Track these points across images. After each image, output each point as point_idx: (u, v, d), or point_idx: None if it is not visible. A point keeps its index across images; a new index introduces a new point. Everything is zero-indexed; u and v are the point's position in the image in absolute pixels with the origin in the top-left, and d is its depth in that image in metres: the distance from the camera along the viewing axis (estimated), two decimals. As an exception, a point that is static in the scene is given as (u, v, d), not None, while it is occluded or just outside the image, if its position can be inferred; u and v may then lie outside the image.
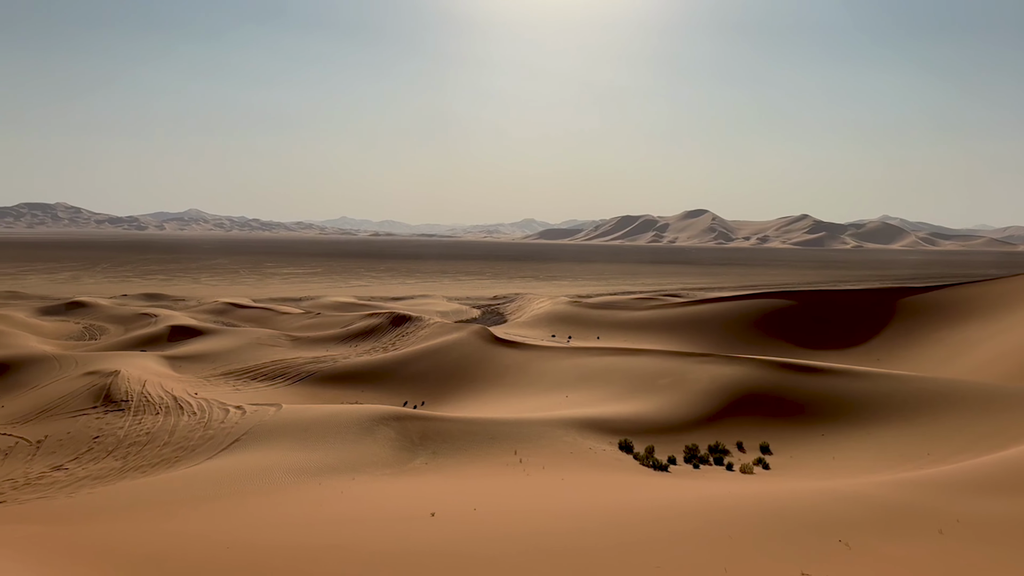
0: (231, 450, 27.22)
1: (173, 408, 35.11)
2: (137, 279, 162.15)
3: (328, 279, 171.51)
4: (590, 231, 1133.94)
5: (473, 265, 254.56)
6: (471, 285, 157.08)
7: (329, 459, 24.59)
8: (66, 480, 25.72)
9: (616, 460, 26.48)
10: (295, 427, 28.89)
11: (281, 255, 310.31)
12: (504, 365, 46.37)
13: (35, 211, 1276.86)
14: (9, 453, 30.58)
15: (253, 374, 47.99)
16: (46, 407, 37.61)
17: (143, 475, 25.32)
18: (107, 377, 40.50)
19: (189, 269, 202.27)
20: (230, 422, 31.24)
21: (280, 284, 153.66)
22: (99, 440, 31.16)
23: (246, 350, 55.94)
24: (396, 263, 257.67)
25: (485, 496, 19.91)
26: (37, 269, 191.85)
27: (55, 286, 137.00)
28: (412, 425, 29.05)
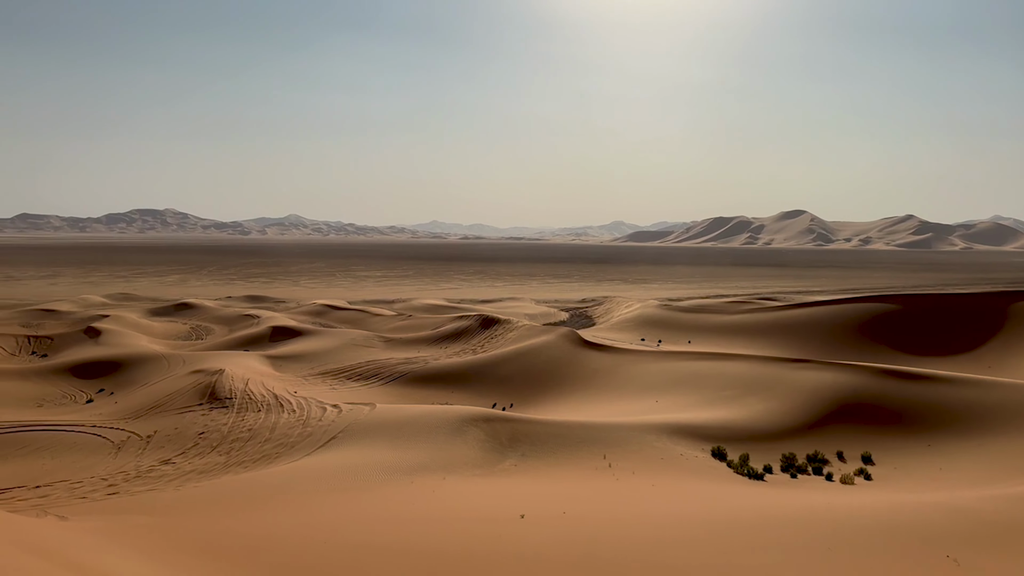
0: (328, 447, 28.05)
1: (274, 406, 36.45)
2: (241, 282, 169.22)
3: (419, 282, 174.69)
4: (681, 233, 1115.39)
5: (561, 268, 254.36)
6: (559, 288, 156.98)
7: (421, 458, 25.00)
8: (173, 473, 27.03)
9: (709, 467, 25.90)
10: (388, 426, 29.52)
11: (375, 258, 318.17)
12: (592, 368, 46.09)
13: (146, 217, 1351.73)
14: (122, 447, 32.39)
15: (348, 374, 49.31)
16: (156, 403, 39.66)
17: (245, 470, 26.38)
18: (212, 375, 42.37)
19: (289, 272, 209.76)
20: (327, 420, 32.19)
21: (374, 287, 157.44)
22: (204, 436, 32.64)
23: (342, 350, 57.53)
24: (485, 266, 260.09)
25: (574, 500, 19.82)
26: (148, 272, 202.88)
27: (164, 288, 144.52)
28: (501, 427, 29.21)
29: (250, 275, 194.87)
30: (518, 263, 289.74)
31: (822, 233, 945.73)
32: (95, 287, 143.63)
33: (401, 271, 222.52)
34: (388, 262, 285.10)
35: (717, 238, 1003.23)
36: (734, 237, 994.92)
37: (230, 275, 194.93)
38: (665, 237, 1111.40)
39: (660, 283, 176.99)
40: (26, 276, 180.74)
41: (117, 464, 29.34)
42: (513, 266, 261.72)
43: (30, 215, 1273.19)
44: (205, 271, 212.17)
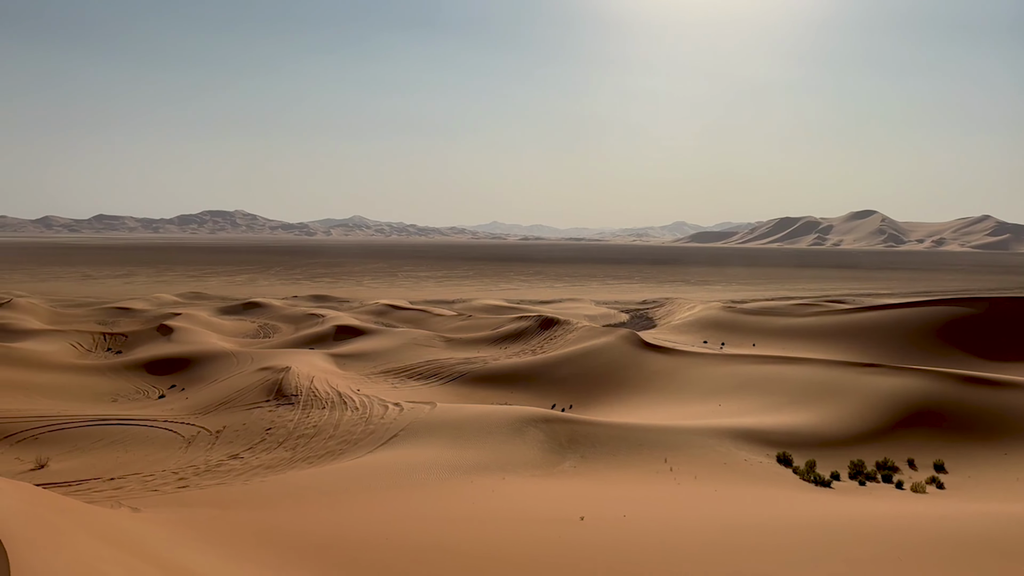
0: (390, 445, 28.44)
1: (338, 403, 37.13)
2: (306, 281, 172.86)
3: (479, 282, 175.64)
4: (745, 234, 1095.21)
5: (621, 269, 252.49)
6: (619, 289, 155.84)
7: (480, 458, 25.12)
8: (241, 468, 27.76)
9: (774, 473, 25.35)
10: (449, 425, 29.76)
11: (436, 259, 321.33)
12: (653, 371, 45.60)
13: (216, 218, 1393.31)
14: (192, 441, 33.42)
15: (409, 373, 49.89)
16: (224, 399, 40.79)
17: (310, 466, 26.94)
18: (279, 373, 43.38)
19: (352, 272, 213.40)
20: (389, 418, 32.64)
21: (434, 287, 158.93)
22: (271, 431, 33.44)
23: (403, 350, 58.23)
24: (545, 267, 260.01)
25: (635, 503, 19.64)
26: (218, 272, 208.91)
27: (234, 288, 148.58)
28: (561, 428, 29.14)
29: (315, 275, 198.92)
30: (578, 264, 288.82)
31: (893, 234, 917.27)
32: (168, 286, 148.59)
33: (461, 272, 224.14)
34: (449, 263, 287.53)
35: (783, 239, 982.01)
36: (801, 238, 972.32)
37: (296, 275, 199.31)
38: (729, 238, 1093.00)
39: (723, 284, 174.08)
40: (103, 275, 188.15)
41: (187, 458, 30.28)
42: (573, 267, 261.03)
43: (106, 216, 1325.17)
44: (272, 271, 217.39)
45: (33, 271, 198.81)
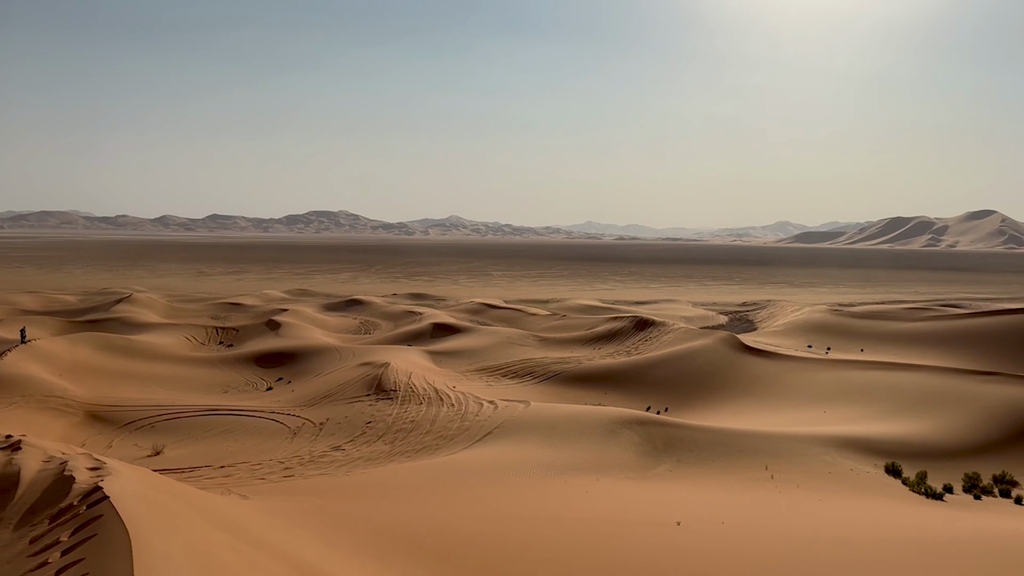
0: (484, 442, 28.74)
1: (434, 399, 37.82)
2: (405, 280, 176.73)
3: (574, 282, 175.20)
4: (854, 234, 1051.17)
5: (721, 269, 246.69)
6: (718, 290, 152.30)
7: (574, 458, 25.07)
8: (343, 460, 28.64)
9: (882, 484, 24.23)
10: (543, 424, 29.82)
11: (530, 258, 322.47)
12: (754, 375, 44.36)
13: (321, 218, 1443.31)
14: (298, 432, 34.71)
15: (504, 371, 50.27)
16: (328, 393, 42.17)
17: (408, 459, 27.54)
18: (379, 368, 44.52)
19: (449, 271, 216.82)
20: (484, 415, 33.00)
21: (529, 286, 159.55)
22: (371, 425, 34.37)
23: (498, 348, 58.71)
24: (640, 267, 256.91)
25: (733, 509, 19.15)
26: (322, 270, 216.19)
27: (337, 285, 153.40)
28: (656, 431, 28.75)
29: (414, 273, 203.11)
30: (675, 264, 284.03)
31: (1014, 235, 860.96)
32: (276, 283, 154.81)
33: (556, 271, 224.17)
34: (543, 262, 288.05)
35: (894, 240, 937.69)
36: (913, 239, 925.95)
37: (395, 273, 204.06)
38: (836, 238, 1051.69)
39: (830, 287, 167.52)
40: (215, 272, 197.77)
41: (293, 448, 31.47)
42: (669, 267, 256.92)
43: (219, 216, 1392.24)
44: (373, 269, 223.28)
45: (152, 268, 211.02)
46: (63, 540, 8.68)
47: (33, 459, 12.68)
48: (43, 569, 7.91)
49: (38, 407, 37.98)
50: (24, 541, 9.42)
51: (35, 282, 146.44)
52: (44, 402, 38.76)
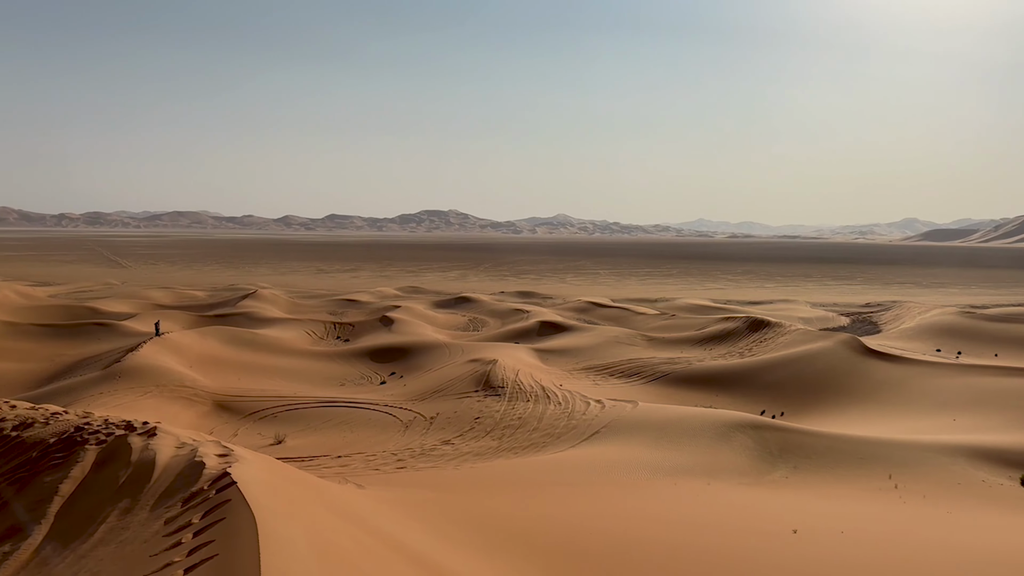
0: (591, 441, 28.62)
1: (541, 397, 37.96)
2: (513, 278, 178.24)
3: (683, 281, 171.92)
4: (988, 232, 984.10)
5: (842, 269, 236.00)
6: (839, 290, 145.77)
7: (684, 460, 24.59)
8: (452, 454, 29.18)
9: (1018, 497, 22.56)
10: (651, 425, 29.40)
11: (639, 257, 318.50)
12: (877, 380, 42.23)
13: (432, 217, 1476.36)
14: (409, 425, 35.61)
15: (611, 370, 49.89)
16: (438, 388, 43.06)
17: (516, 456, 27.76)
18: (487, 365, 45.08)
19: (556, 270, 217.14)
20: (590, 414, 32.86)
21: (637, 285, 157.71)
22: (479, 420, 34.85)
23: (605, 347, 58.32)
24: (754, 265, 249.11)
25: (854, 519, 18.30)
26: (433, 267, 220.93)
27: (447, 282, 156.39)
28: (771, 435, 27.82)
29: (521, 272, 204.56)
30: (792, 263, 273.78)
31: None
32: (389, 280, 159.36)
33: (665, 270, 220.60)
34: (652, 260, 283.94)
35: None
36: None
37: (503, 271, 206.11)
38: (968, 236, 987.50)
39: (960, 287, 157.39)
40: (333, 269, 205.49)
41: (404, 441, 32.31)
42: (786, 266, 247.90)
43: (337, 216, 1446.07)
44: (482, 267, 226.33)
45: (275, 265, 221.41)
46: (194, 522, 9.23)
47: (167, 445, 13.52)
48: (177, 548, 8.43)
49: (170, 396, 40.55)
50: (160, 521, 10.06)
51: (168, 278, 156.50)
52: (176, 392, 41.35)
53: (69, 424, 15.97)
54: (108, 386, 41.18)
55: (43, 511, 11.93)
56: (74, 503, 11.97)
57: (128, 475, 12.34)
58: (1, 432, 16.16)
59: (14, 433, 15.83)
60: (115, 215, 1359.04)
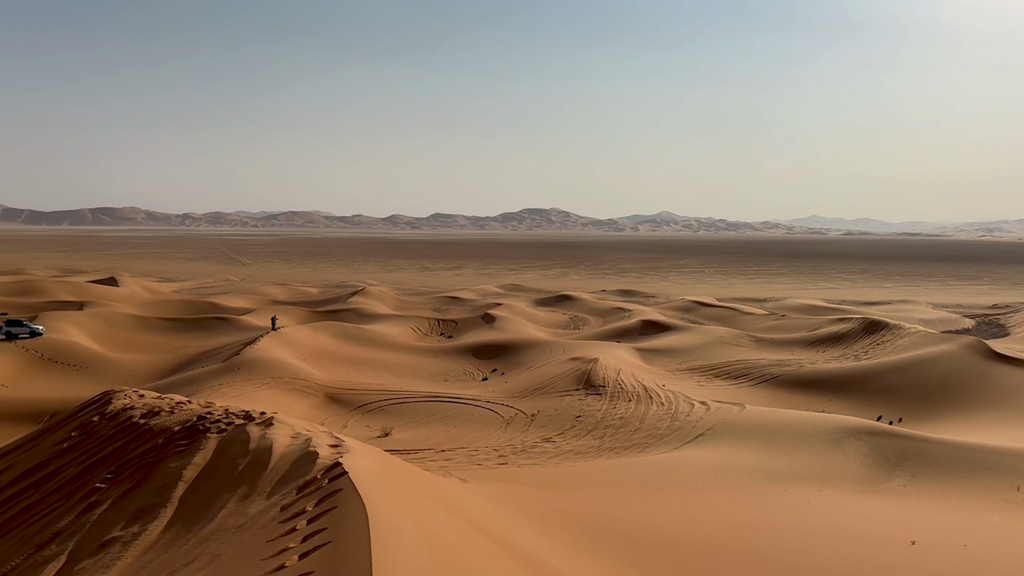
0: (696, 443, 28.05)
1: (643, 397, 37.50)
2: (614, 276, 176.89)
3: (794, 280, 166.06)
4: None
5: (966, 268, 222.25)
6: (963, 291, 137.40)
7: (794, 466, 23.76)
8: (553, 451, 29.22)
9: None
10: (759, 429, 28.55)
11: (746, 255, 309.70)
12: (1005, 386, 39.57)
13: (534, 216, 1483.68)
14: (511, 422, 35.89)
15: (716, 372, 48.76)
16: (539, 385, 43.21)
17: (617, 456, 27.54)
18: (588, 363, 44.91)
19: (659, 268, 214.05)
20: (695, 416, 32.21)
21: (744, 284, 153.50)
22: (580, 419, 34.76)
23: (710, 348, 57.08)
24: (871, 264, 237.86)
25: (977, 532, 17.23)
26: (534, 265, 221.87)
27: (548, 281, 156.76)
28: (888, 442, 26.51)
29: (622, 270, 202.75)
30: (911, 261, 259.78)
31: None
32: (491, 278, 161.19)
33: (774, 268, 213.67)
34: (760, 258, 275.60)
35: None
36: None
37: (604, 270, 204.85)
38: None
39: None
40: (437, 267, 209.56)
41: (506, 437, 32.60)
42: (905, 265, 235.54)
43: (441, 214, 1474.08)
44: (583, 265, 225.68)
45: (382, 263, 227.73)
46: (308, 510, 9.61)
47: (283, 434, 14.13)
48: (292, 535, 8.80)
49: (285, 388, 42.35)
50: (275, 508, 10.52)
51: (283, 275, 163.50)
52: (290, 384, 43.15)
53: (192, 413, 16.93)
54: (228, 377, 43.42)
55: (168, 495, 12.69)
56: (196, 488, 12.68)
57: (246, 463, 12.97)
58: (131, 419, 17.30)
59: (142, 421, 16.91)
60: (235, 215, 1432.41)
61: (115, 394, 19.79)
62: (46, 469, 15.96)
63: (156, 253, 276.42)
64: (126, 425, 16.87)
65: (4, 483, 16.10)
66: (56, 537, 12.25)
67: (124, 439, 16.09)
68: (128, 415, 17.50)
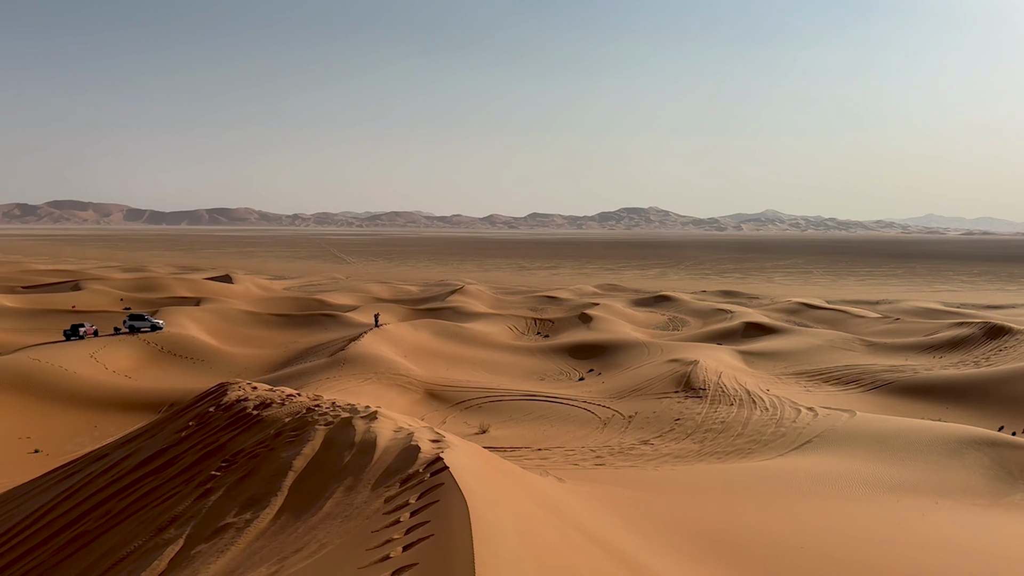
0: (803, 451, 27.07)
1: (746, 401, 36.50)
2: (715, 276, 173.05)
3: (909, 282, 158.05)
4: None
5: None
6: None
7: (908, 476, 22.60)
8: (652, 454, 28.83)
9: None
10: (871, 437, 27.29)
11: (857, 255, 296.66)
12: None
13: (632, 215, 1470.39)
14: (608, 423, 35.64)
15: (824, 377, 46.95)
16: (636, 387, 42.73)
17: (718, 461, 26.90)
18: (687, 366, 44.09)
19: (763, 268, 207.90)
20: (801, 422, 31.11)
21: (855, 286, 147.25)
22: (680, 422, 34.16)
23: (817, 352, 55.05)
24: (993, 266, 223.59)
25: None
26: (632, 265, 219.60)
27: (646, 281, 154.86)
28: (1011, 454, 24.88)
29: (724, 270, 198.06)
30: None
31: None
32: (587, 278, 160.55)
33: (887, 270, 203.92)
34: (872, 259, 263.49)
35: None
36: None
37: (705, 270, 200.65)
38: None
39: None
40: (535, 267, 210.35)
41: (603, 438, 32.39)
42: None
43: (539, 214, 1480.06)
44: (682, 265, 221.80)
45: (480, 262, 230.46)
46: (411, 502, 9.82)
47: (386, 428, 14.50)
48: (396, 527, 9.02)
49: (387, 383, 43.45)
50: (380, 500, 10.81)
51: (385, 273, 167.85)
52: (392, 379, 44.24)
53: (301, 406, 17.60)
54: (333, 372, 44.92)
55: (279, 484, 13.22)
56: (305, 478, 13.16)
57: (352, 455, 13.39)
58: (244, 411, 18.14)
59: (255, 412, 17.69)
60: (341, 215, 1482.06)
61: (230, 386, 20.79)
62: (165, 456, 16.93)
63: (267, 252, 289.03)
64: (240, 416, 17.70)
65: (127, 469, 17.17)
66: (174, 521, 12.96)
67: (238, 429, 16.88)
68: (242, 406, 18.36)
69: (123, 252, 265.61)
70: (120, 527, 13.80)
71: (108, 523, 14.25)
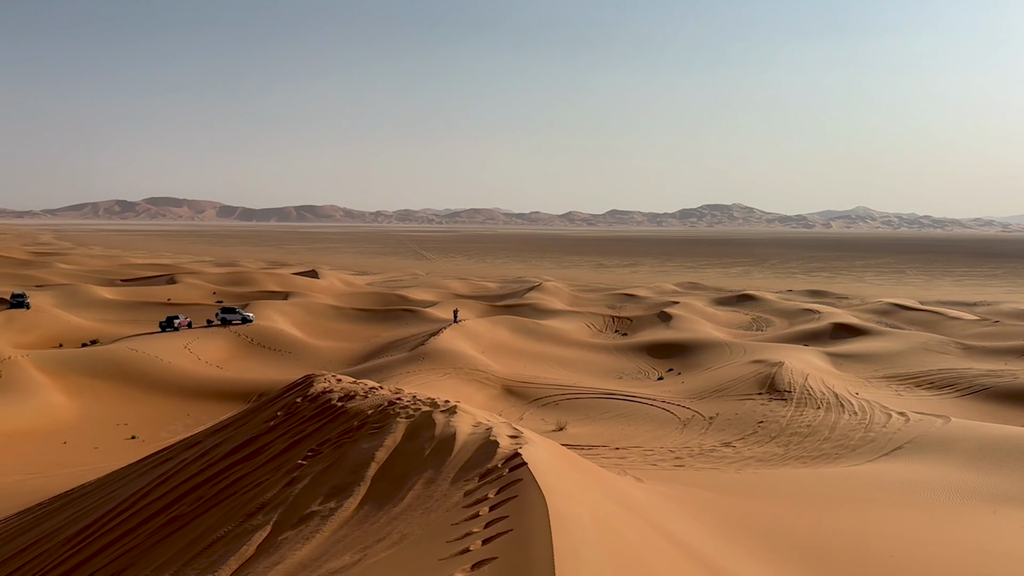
0: (893, 456, 26.05)
1: (834, 405, 35.37)
2: (802, 275, 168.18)
3: (1010, 283, 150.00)
4: None
5: None
6: None
7: (1006, 486, 21.43)
8: (733, 456, 28.24)
9: None
10: (966, 444, 26.04)
11: (954, 255, 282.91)
12: None
13: (714, 212, 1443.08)
14: (687, 424, 35.11)
15: (917, 381, 45.08)
16: (718, 388, 41.95)
17: (804, 465, 26.14)
18: (772, 367, 43.02)
19: (853, 267, 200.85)
20: (892, 427, 29.94)
21: (951, 286, 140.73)
22: (763, 425, 33.35)
23: (910, 354, 52.89)
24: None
25: None
26: (714, 263, 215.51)
27: (728, 279, 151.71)
28: (1124, 467, 23.31)
29: (812, 269, 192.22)
30: None
31: None
32: (667, 276, 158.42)
33: (987, 269, 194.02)
34: (970, 259, 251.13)
35: None
36: None
37: (791, 268, 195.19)
38: None
39: None
40: (613, 264, 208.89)
41: (683, 439, 31.93)
42: None
43: (618, 211, 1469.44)
44: (767, 264, 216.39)
45: (558, 259, 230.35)
46: (490, 497, 9.90)
47: (465, 423, 14.66)
48: (475, 520, 9.12)
49: (466, 378, 43.96)
50: (459, 493, 10.94)
51: (464, 270, 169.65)
52: (470, 375, 44.73)
53: (383, 398, 17.96)
54: (414, 366, 45.73)
55: (362, 474, 13.53)
56: (387, 469, 13.43)
57: (432, 447, 13.59)
58: (329, 402, 18.63)
59: (340, 403, 18.15)
60: (421, 212, 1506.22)
61: (316, 378, 21.40)
62: (255, 445, 17.54)
63: (352, 248, 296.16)
64: (325, 407, 18.19)
65: (219, 456, 17.86)
66: (262, 508, 13.42)
67: (323, 420, 17.36)
68: (327, 398, 18.86)
69: (216, 248, 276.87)
70: (211, 512, 14.38)
71: (200, 508, 14.86)
